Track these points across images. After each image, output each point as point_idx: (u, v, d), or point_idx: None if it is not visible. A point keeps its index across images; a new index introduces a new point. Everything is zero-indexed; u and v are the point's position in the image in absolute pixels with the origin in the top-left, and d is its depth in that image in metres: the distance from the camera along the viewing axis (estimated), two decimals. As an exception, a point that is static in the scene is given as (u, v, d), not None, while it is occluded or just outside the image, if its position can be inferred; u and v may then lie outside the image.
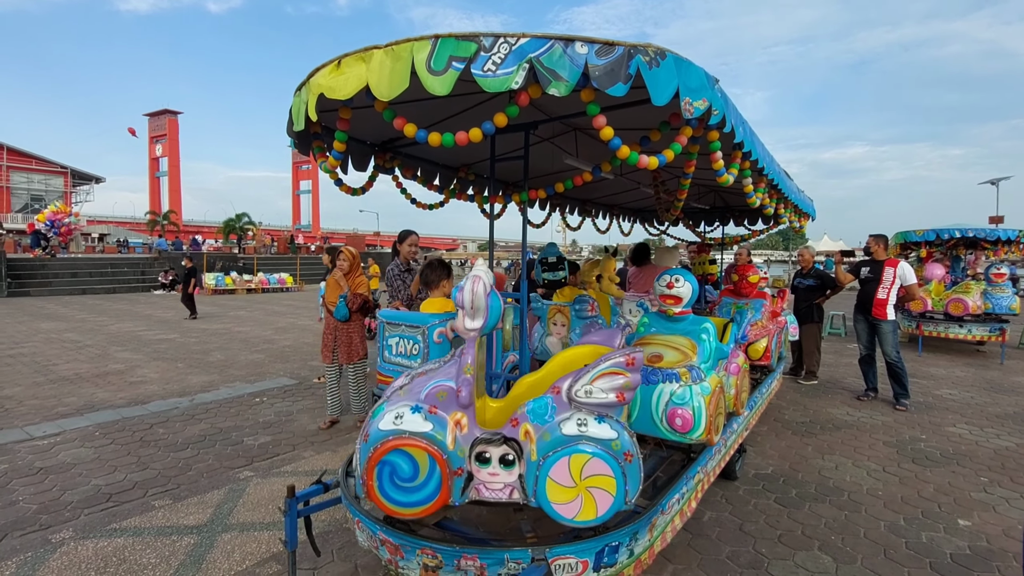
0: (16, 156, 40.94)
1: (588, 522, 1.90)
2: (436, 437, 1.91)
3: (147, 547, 2.98)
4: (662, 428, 2.73)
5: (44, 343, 9.92)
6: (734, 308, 4.94)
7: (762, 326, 4.71)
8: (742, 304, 4.94)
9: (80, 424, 5.10)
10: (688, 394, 2.69)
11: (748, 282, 5.02)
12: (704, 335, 3.08)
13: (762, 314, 4.81)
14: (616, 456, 1.91)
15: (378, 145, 3.08)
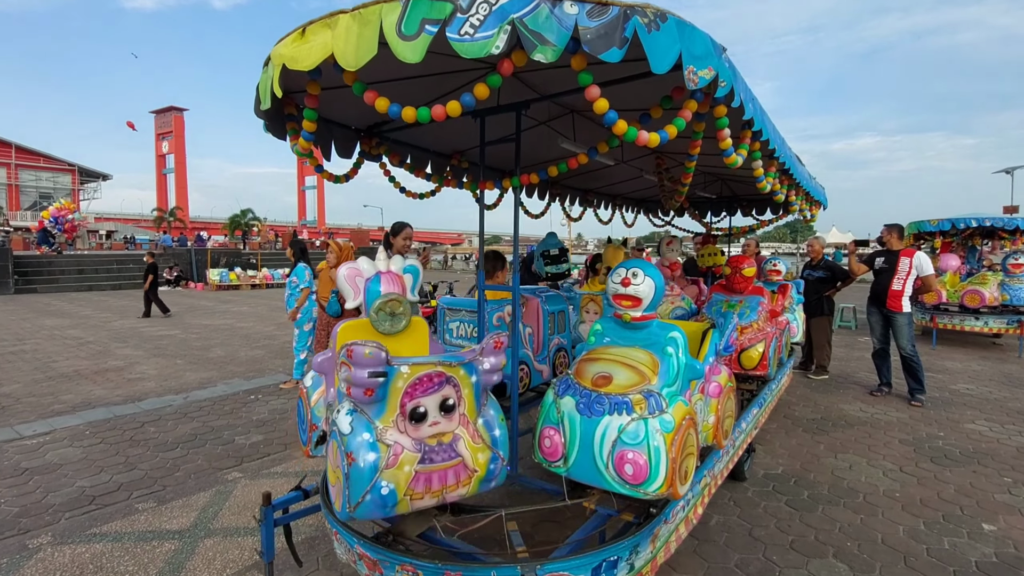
0: (24, 154, 41.14)
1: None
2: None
3: (126, 554, 2.85)
4: (607, 477, 1.99)
5: (47, 340, 9.88)
6: (724, 307, 4.23)
7: (758, 329, 4.03)
8: (734, 302, 4.22)
9: (71, 423, 5.00)
10: (642, 431, 1.95)
11: (742, 276, 4.27)
12: (670, 348, 2.23)
13: (758, 314, 4.11)
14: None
15: (363, 130, 2.91)
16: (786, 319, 4.69)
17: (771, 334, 4.12)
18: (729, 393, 2.77)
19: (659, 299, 2.37)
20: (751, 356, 3.90)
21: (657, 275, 2.37)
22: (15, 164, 40.43)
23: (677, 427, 2.01)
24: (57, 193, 40.38)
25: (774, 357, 4.11)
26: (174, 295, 19.09)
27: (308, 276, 6.02)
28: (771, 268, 5.55)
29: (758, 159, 2.43)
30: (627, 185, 5.25)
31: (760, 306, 4.18)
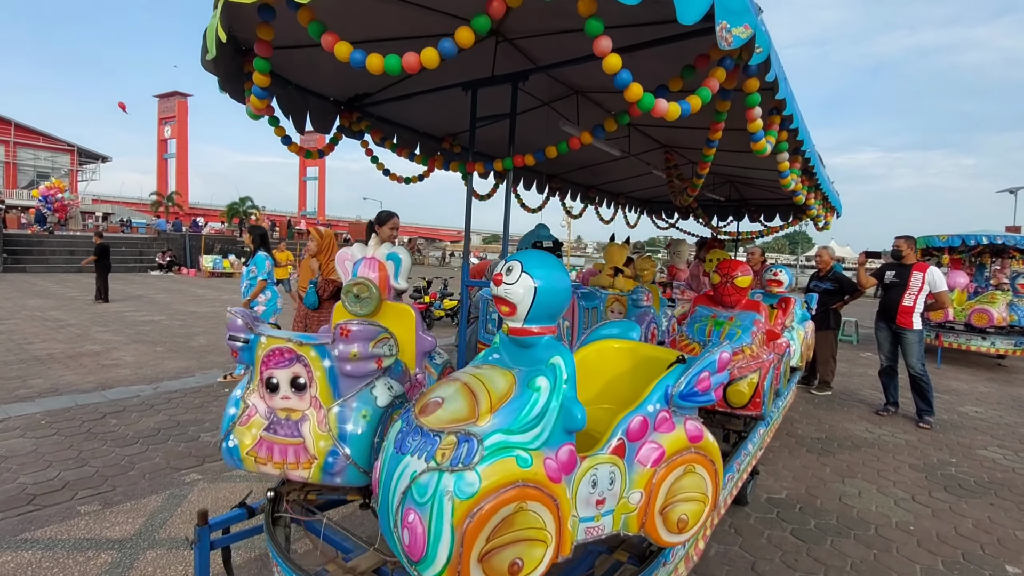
0: (24, 132, 40.63)
1: None
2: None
3: (55, 565, 2.55)
4: (393, 537, 1.42)
5: (26, 320, 9.55)
6: (710, 325, 3.43)
7: (751, 355, 3.20)
8: (722, 319, 3.43)
9: (28, 411, 4.68)
10: (430, 488, 1.32)
11: (734, 287, 3.43)
12: (539, 380, 1.49)
13: (752, 336, 3.28)
14: None
15: (343, 103, 2.61)
16: (786, 341, 3.77)
17: (767, 363, 3.23)
18: (687, 465, 1.70)
19: (553, 307, 1.58)
20: (740, 391, 3.11)
21: (547, 274, 1.55)
22: (14, 142, 39.92)
23: (481, 494, 1.30)
24: (55, 173, 39.93)
25: (770, 391, 3.25)
26: (165, 280, 18.77)
27: (269, 267, 5.61)
28: (772, 278, 4.66)
29: (784, 151, 2.14)
30: (633, 183, 4.96)
31: (755, 325, 3.33)
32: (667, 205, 6.08)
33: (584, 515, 1.53)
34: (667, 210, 6.10)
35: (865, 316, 12.67)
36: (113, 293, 14.28)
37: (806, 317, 4.91)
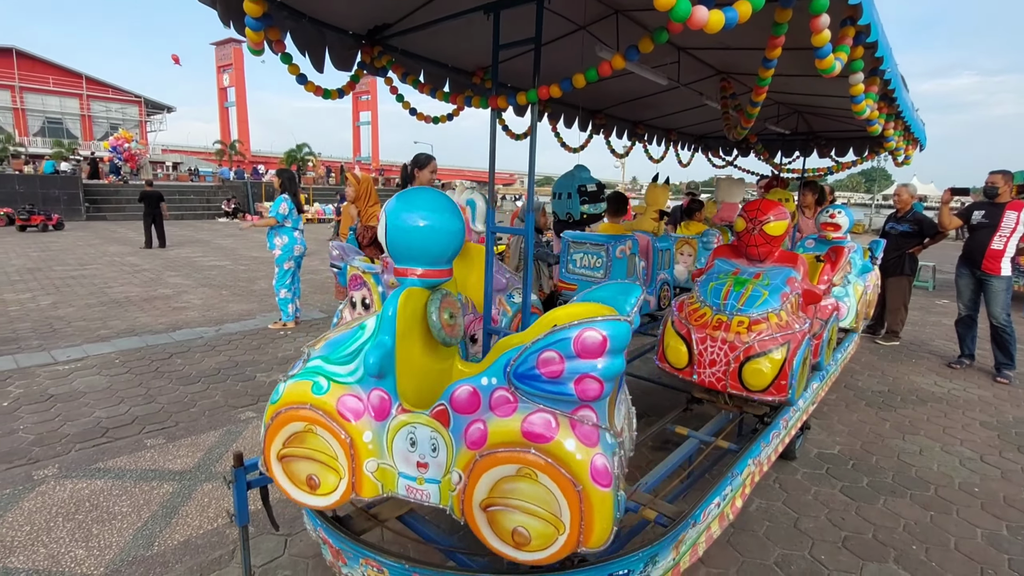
0: (94, 85, 42.54)
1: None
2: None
3: (124, 493, 2.77)
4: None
5: (107, 266, 10.28)
6: (729, 283, 2.72)
7: (777, 324, 2.52)
8: (746, 276, 2.74)
9: (104, 350, 5.06)
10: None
11: (763, 234, 2.71)
12: (369, 321, 1.63)
13: (782, 300, 2.58)
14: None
15: (364, 36, 2.46)
16: (833, 303, 3.16)
17: (799, 335, 2.51)
18: (523, 467, 1.34)
19: (412, 248, 1.62)
20: (759, 370, 2.47)
21: (400, 214, 1.63)
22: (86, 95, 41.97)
23: (280, 403, 1.59)
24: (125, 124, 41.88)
25: (802, 370, 2.56)
26: (230, 227, 19.63)
27: (285, 209, 5.64)
28: (827, 220, 4.08)
29: (859, 70, 1.84)
30: (685, 116, 4.57)
31: (788, 285, 2.63)
32: (723, 141, 5.61)
33: (403, 471, 1.52)
34: (724, 146, 5.64)
35: (944, 260, 11.67)
36: (182, 239, 15.13)
37: (868, 268, 4.19)
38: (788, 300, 2.60)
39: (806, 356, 2.60)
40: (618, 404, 1.52)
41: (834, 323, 3.21)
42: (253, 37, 1.69)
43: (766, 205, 2.74)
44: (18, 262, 10.31)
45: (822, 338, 3.00)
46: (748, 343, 2.50)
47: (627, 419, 1.62)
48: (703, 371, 2.61)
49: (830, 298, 3.06)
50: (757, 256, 2.81)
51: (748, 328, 2.52)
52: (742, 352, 2.50)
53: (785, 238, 2.76)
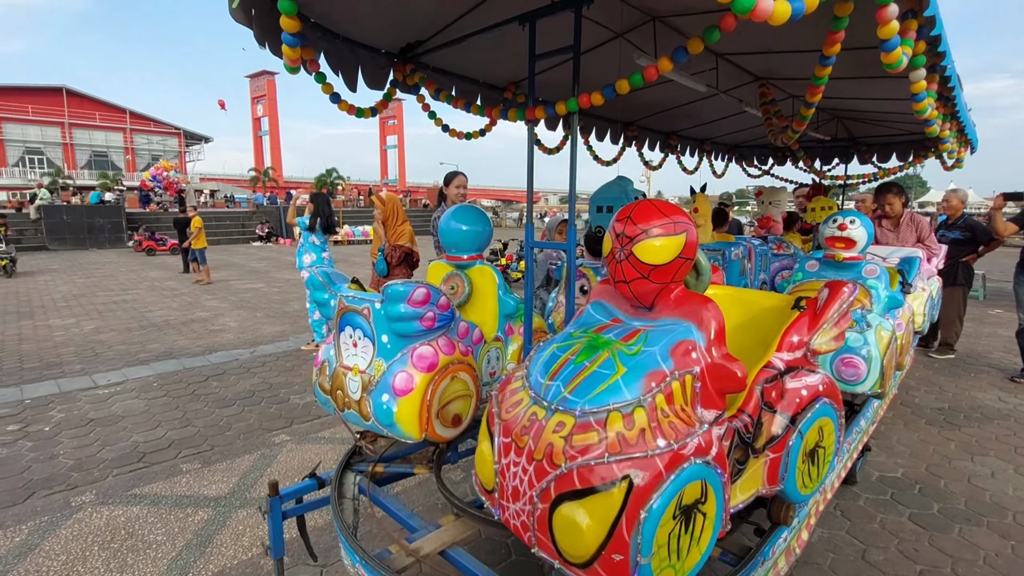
0: (137, 119, 44.64)
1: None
2: None
3: (159, 520, 2.74)
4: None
5: (147, 290, 10.59)
6: (571, 351, 1.54)
7: (620, 435, 1.29)
8: (609, 338, 1.54)
9: (143, 374, 5.14)
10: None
11: (636, 261, 1.49)
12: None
13: (647, 387, 1.35)
14: None
15: (396, 55, 2.44)
16: (816, 382, 1.73)
17: (663, 460, 1.28)
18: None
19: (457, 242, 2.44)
20: (572, 523, 1.30)
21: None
22: (129, 129, 44.02)
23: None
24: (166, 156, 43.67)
25: (672, 533, 1.30)
26: (264, 250, 20.10)
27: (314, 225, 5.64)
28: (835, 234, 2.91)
29: (921, 66, 1.71)
30: (720, 126, 4.45)
31: (671, 357, 1.42)
32: (759, 150, 5.45)
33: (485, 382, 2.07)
34: (759, 155, 5.48)
35: (993, 268, 11.10)
36: (218, 263, 15.52)
37: (897, 302, 2.87)
38: (664, 387, 1.37)
39: (678, 505, 1.27)
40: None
41: (823, 417, 1.73)
42: (290, 54, 1.66)
43: (645, 210, 1.51)
44: (64, 289, 10.70)
45: (784, 450, 1.60)
46: (562, 467, 1.30)
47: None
48: (506, 504, 1.45)
49: (813, 375, 1.71)
50: (633, 298, 1.57)
51: (570, 435, 1.32)
52: (553, 483, 1.30)
53: (682, 268, 1.50)
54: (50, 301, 9.32)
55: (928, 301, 3.72)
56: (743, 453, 1.54)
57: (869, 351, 2.54)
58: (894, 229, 4.38)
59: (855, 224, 2.87)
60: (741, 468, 1.55)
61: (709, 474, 1.32)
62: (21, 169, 39.26)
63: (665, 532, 1.25)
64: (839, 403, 1.76)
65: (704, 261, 1.67)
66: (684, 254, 1.47)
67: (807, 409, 1.63)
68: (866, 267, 2.90)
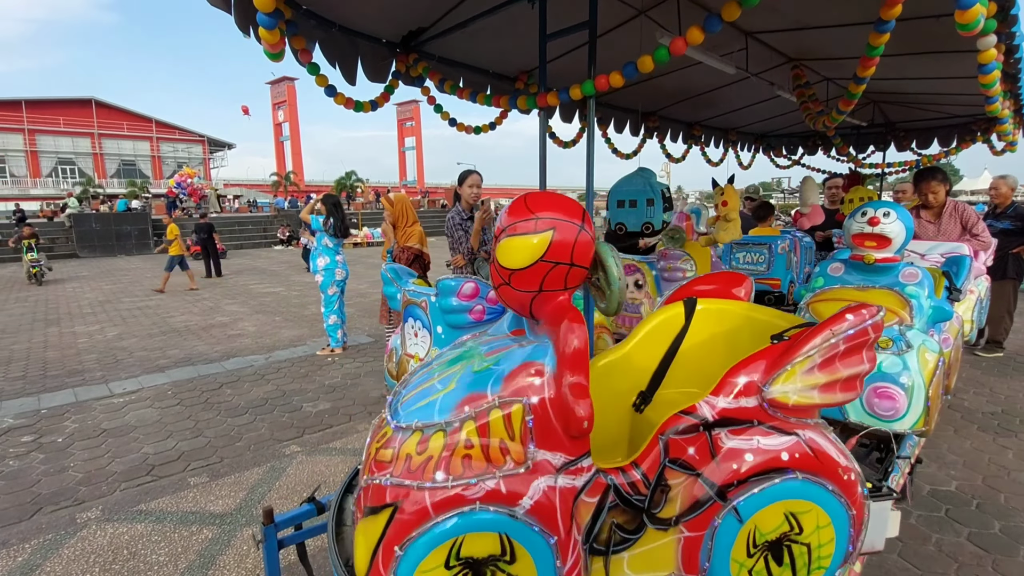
0: (163, 127, 45.72)
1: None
2: None
3: (163, 539, 2.63)
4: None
5: (170, 296, 10.68)
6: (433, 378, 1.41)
7: (411, 462, 1.18)
8: (481, 351, 1.39)
9: (158, 381, 5.09)
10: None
11: (498, 266, 1.31)
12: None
13: (460, 410, 1.20)
14: None
15: (398, 44, 2.28)
16: (788, 447, 1.27)
17: (435, 501, 1.12)
18: None
19: None
20: (360, 545, 1.26)
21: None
22: (156, 137, 45.07)
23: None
24: (191, 163, 44.56)
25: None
26: (286, 254, 20.26)
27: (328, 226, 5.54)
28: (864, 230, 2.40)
29: (992, 31, 1.47)
30: (746, 114, 4.20)
31: (506, 382, 1.20)
32: (787, 139, 5.16)
33: None
34: (788, 144, 5.18)
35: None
36: (239, 267, 15.68)
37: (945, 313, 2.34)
38: (479, 414, 1.18)
39: (453, 554, 1.11)
40: None
41: (797, 500, 1.26)
42: (268, 38, 1.51)
43: (519, 203, 1.33)
44: (91, 295, 10.86)
45: (707, 529, 1.22)
46: (365, 479, 1.28)
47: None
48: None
49: (776, 436, 1.27)
50: (515, 308, 1.38)
51: (379, 449, 1.27)
52: (371, 498, 1.21)
53: (553, 274, 1.26)
54: (76, 308, 9.45)
55: (976, 305, 3.26)
56: (631, 519, 1.22)
57: (910, 378, 2.01)
58: (935, 220, 3.83)
59: (890, 217, 2.30)
60: (629, 538, 1.22)
61: (516, 528, 1.10)
62: (54, 179, 40.49)
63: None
64: (841, 482, 1.24)
65: (615, 270, 1.30)
66: (551, 257, 1.22)
67: (755, 482, 1.19)
68: (905, 271, 2.34)
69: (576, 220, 1.24)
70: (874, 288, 2.36)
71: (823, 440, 1.26)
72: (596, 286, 1.38)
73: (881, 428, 2.03)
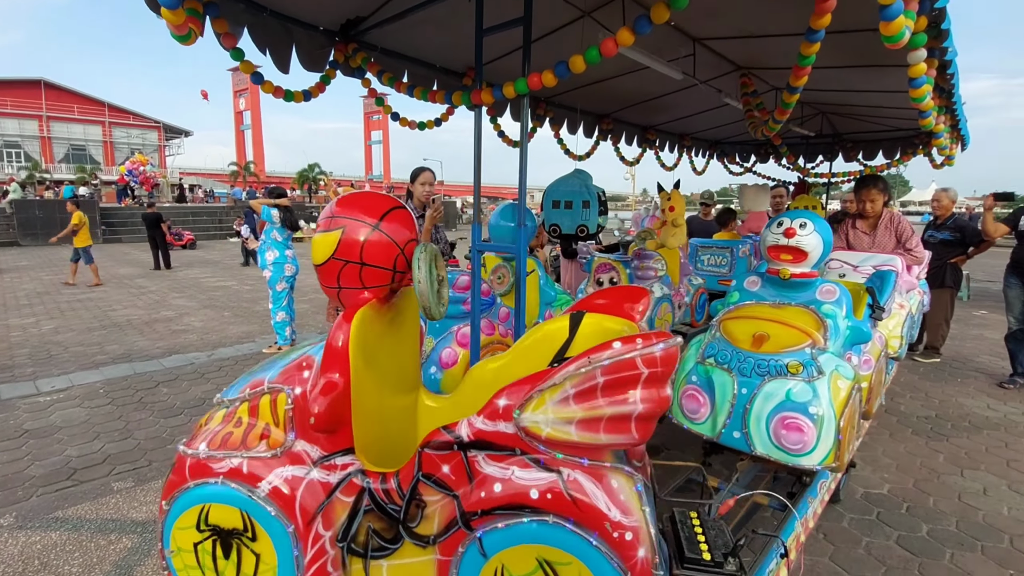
0: (116, 112, 43.66)
1: None
2: None
3: (78, 548, 2.47)
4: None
5: (115, 288, 10.19)
6: None
7: (225, 429, 1.36)
8: None
9: (91, 379, 4.83)
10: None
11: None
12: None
13: (249, 389, 1.41)
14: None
15: (337, 32, 2.19)
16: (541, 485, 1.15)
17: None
18: None
19: None
20: None
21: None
22: (108, 122, 43.02)
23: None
24: (146, 149, 42.73)
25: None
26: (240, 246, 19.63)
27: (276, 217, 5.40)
28: (779, 242, 2.24)
29: (921, 45, 1.49)
30: (700, 120, 4.25)
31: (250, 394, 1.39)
32: (741, 146, 5.26)
33: None
34: (742, 152, 5.29)
35: (976, 269, 11.07)
36: (192, 259, 15.13)
37: (862, 335, 2.21)
38: (253, 397, 1.32)
39: (203, 519, 1.24)
40: None
41: (556, 549, 1.11)
42: (171, 18, 1.41)
43: (330, 205, 1.39)
44: (30, 286, 10.26)
45: (453, 555, 1.17)
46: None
47: None
48: None
49: (532, 470, 1.15)
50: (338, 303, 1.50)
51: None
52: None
53: (346, 272, 1.31)
54: (12, 299, 8.90)
55: (907, 320, 3.10)
56: (388, 528, 1.20)
57: (820, 408, 1.83)
58: (870, 232, 3.67)
59: (806, 229, 2.13)
60: (386, 547, 1.20)
61: (255, 509, 1.18)
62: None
63: (188, 539, 1.24)
64: (610, 539, 1.05)
65: (417, 273, 1.27)
66: (341, 255, 1.27)
67: (502, 516, 1.09)
68: (822, 287, 2.18)
69: (370, 220, 1.26)
70: (790, 305, 2.17)
71: (592, 486, 1.07)
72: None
73: (788, 463, 1.89)
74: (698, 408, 2.14)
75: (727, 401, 2.01)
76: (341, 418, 1.16)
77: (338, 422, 1.16)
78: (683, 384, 2.19)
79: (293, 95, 2.06)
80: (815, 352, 1.96)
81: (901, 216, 3.37)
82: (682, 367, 2.19)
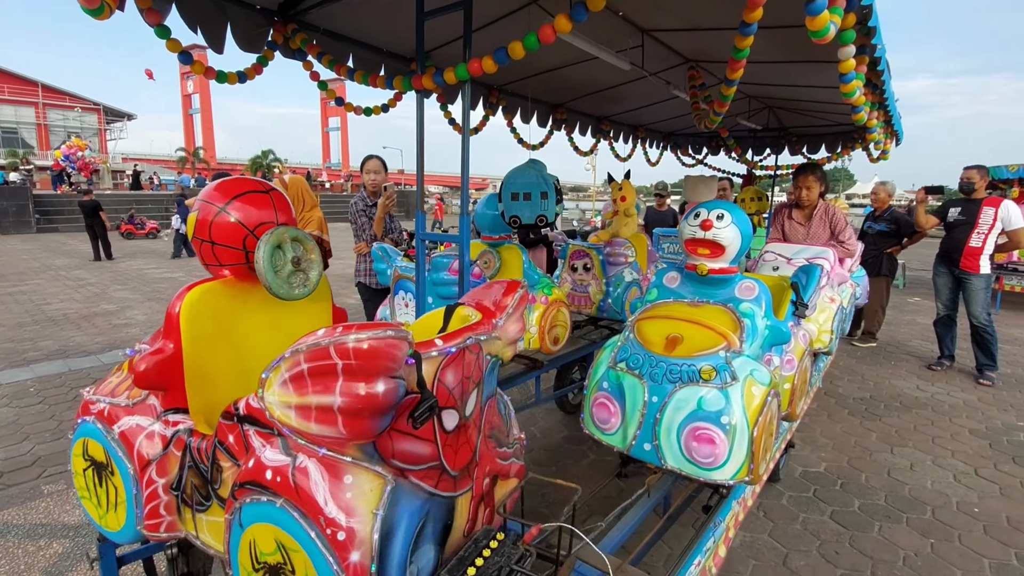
0: (51, 93, 40.90)
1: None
2: None
3: (4, 555, 2.33)
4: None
5: (49, 280, 9.61)
6: None
7: None
8: None
9: (21, 377, 4.55)
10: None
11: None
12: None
13: None
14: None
15: (276, 12, 2.10)
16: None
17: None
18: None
19: None
20: None
21: None
22: (42, 103, 40.31)
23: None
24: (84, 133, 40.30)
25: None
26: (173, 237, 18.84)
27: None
28: (697, 235, 2.04)
29: (850, 42, 1.54)
30: (652, 112, 4.30)
31: None
32: (693, 138, 5.38)
33: None
34: (694, 144, 5.41)
35: (912, 257, 11.71)
36: (136, 249, 14.43)
37: (782, 335, 2.09)
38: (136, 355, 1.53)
39: (84, 450, 1.52)
40: None
41: (279, 528, 1.07)
42: None
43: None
44: (-50, 279, 9.57)
45: (227, 524, 1.17)
46: None
47: None
48: None
49: (272, 450, 1.13)
50: None
51: None
52: None
53: (204, 250, 1.48)
54: (-70, 293, 8.29)
55: (838, 314, 3.00)
56: (202, 485, 1.28)
57: (732, 419, 1.67)
58: (805, 223, 3.63)
59: (724, 221, 1.95)
60: (202, 503, 1.30)
61: (109, 447, 1.42)
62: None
63: (79, 465, 1.53)
64: (325, 534, 0.99)
65: (258, 254, 1.33)
66: (198, 234, 1.44)
67: (251, 491, 1.08)
68: (740, 284, 2.02)
69: (218, 203, 1.40)
70: (708, 304, 2.00)
71: (317, 476, 1.02)
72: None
73: (700, 477, 1.76)
74: (609, 417, 1.95)
75: (637, 410, 1.84)
76: (168, 380, 1.32)
77: (163, 383, 1.32)
78: (594, 391, 1.99)
79: (227, 76, 1.97)
80: (730, 355, 1.81)
81: (836, 208, 3.46)
82: (594, 372, 2.02)
